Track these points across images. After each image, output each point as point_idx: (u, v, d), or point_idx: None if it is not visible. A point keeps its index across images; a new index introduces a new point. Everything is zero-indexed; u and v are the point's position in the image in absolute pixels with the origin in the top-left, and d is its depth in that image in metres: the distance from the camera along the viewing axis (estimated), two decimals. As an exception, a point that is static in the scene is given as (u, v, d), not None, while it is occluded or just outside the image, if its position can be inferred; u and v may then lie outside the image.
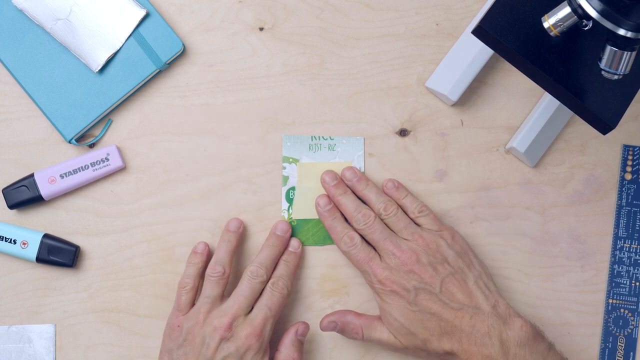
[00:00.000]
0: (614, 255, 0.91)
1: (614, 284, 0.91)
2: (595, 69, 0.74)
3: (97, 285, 0.89)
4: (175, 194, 0.90)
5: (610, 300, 0.91)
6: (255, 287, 0.85)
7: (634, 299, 0.91)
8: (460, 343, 0.81)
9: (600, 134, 0.91)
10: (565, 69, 0.75)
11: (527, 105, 0.91)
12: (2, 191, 0.88)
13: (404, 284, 0.83)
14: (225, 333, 0.82)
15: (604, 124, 0.75)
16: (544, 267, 0.91)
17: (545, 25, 0.73)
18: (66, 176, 0.88)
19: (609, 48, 0.71)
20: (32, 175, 0.88)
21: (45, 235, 0.88)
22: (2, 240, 0.87)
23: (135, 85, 0.88)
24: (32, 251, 0.87)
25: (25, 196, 0.88)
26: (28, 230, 0.88)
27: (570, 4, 0.71)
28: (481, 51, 0.88)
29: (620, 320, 0.91)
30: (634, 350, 0.91)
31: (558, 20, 0.72)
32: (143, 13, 0.87)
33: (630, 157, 0.92)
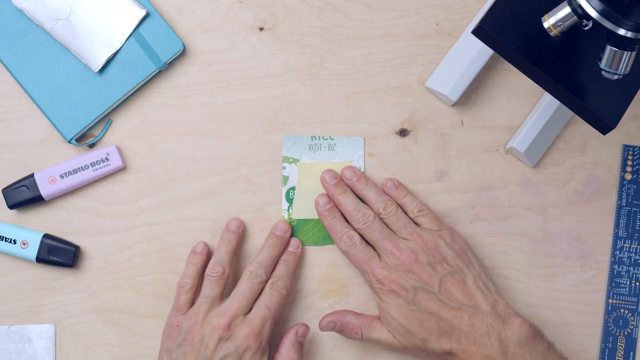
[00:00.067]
0: (614, 255, 0.91)
1: (614, 284, 0.91)
2: (595, 69, 0.74)
3: (97, 285, 0.89)
4: (175, 194, 0.90)
5: (610, 300, 0.91)
6: (254, 287, 0.85)
7: (634, 299, 0.91)
8: (459, 343, 0.81)
9: (600, 134, 0.91)
10: (565, 69, 0.75)
11: (527, 105, 0.91)
12: (2, 191, 0.88)
13: (403, 284, 0.83)
14: (224, 333, 0.82)
15: (604, 124, 0.75)
16: (544, 267, 0.91)
17: (545, 25, 0.73)
18: (66, 176, 0.88)
19: (609, 48, 0.71)
20: (32, 175, 0.88)
21: (45, 235, 0.88)
22: (2, 240, 0.87)
23: (135, 85, 0.88)
24: (32, 251, 0.87)
25: (25, 196, 0.88)
26: (28, 230, 0.88)
27: (570, 4, 0.71)
28: (481, 51, 0.88)
29: (620, 320, 0.91)
30: (634, 350, 0.91)
31: (558, 20, 0.72)
32: (143, 13, 0.87)
33: (630, 157, 0.92)
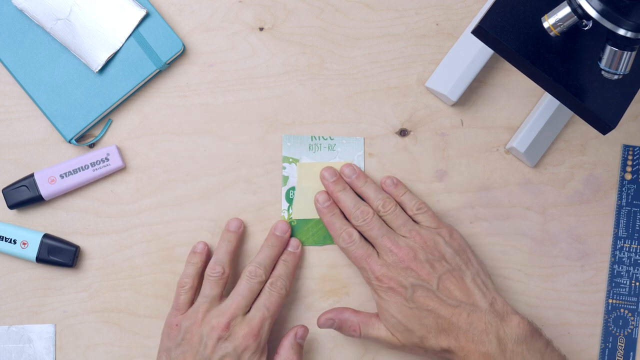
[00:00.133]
0: (614, 255, 0.91)
1: (614, 284, 0.91)
2: (595, 69, 0.74)
3: (97, 285, 0.89)
4: (175, 194, 0.90)
5: (610, 300, 0.91)
6: (253, 287, 0.85)
7: (634, 299, 0.91)
8: (457, 340, 0.81)
9: (600, 134, 0.91)
10: (565, 69, 0.75)
11: (527, 105, 0.91)
12: (2, 191, 0.88)
13: (401, 281, 0.83)
14: (223, 332, 0.82)
15: (604, 124, 0.75)
16: (544, 267, 0.91)
17: (545, 25, 0.73)
18: (66, 176, 0.88)
19: (609, 48, 0.71)
20: (32, 175, 0.88)
21: (45, 235, 0.88)
22: (2, 240, 0.87)
23: (135, 85, 0.88)
24: (32, 251, 0.87)
25: (25, 196, 0.88)
26: (28, 230, 0.88)
27: (570, 4, 0.71)
28: (481, 51, 0.88)
29: (620, 320, 0.91)
30: (634, 350, 0.91)
31: (558, 20, 0.72)
32: (143, 13, 0.87)
33: (630, 157, 0.92)
